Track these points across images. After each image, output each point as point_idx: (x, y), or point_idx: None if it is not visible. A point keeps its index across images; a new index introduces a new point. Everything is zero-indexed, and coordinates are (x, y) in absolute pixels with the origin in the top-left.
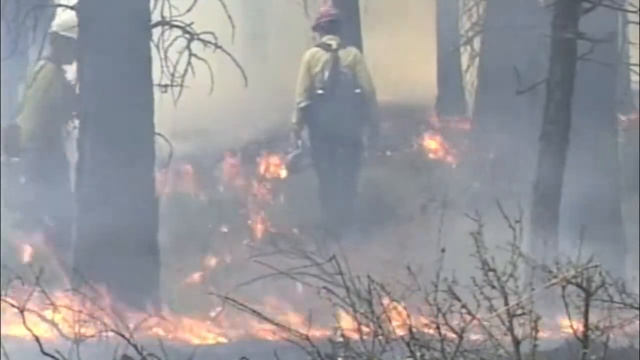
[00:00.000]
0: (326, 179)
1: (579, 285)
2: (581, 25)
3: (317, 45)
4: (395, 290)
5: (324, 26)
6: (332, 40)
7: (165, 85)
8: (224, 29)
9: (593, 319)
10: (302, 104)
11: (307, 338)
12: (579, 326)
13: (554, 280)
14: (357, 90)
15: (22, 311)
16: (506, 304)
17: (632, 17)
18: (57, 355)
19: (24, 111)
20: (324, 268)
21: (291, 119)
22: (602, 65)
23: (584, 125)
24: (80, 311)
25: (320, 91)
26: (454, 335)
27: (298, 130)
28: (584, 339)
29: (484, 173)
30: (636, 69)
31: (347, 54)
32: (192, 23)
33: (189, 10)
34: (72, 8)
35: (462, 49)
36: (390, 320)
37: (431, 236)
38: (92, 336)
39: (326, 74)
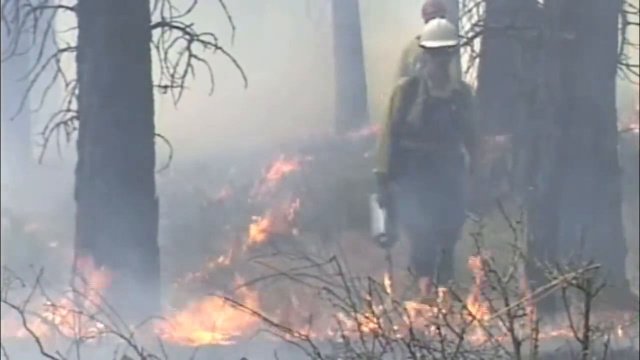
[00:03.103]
0: None
1: (579, 287)
2: (581, 26)
3: (418, 37)
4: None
5: (427, 20)
6: None
7: (165, 87)
8: (224, 30)
9: (594, 319)
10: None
11: (307, 338)
12: (579, 327)
13: (554, 282)
14: None
15: (22, 312)
16: (507, 304)
17: (632, 17)
18: (57, 356)
19: None
20: (324, 269)
21: None
22: (601, 66)
23: (584, 126)
24: (80, 312)
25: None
26: (454, 336)
27: None
28: (585, 340)
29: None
30: (636, 69)
31: None
32: (192, 24)
33: (188, 11)
34: (71, 9)
35: (462, 50)
36: (390, 321)
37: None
38: (92, 337)
39: (418, 65)
